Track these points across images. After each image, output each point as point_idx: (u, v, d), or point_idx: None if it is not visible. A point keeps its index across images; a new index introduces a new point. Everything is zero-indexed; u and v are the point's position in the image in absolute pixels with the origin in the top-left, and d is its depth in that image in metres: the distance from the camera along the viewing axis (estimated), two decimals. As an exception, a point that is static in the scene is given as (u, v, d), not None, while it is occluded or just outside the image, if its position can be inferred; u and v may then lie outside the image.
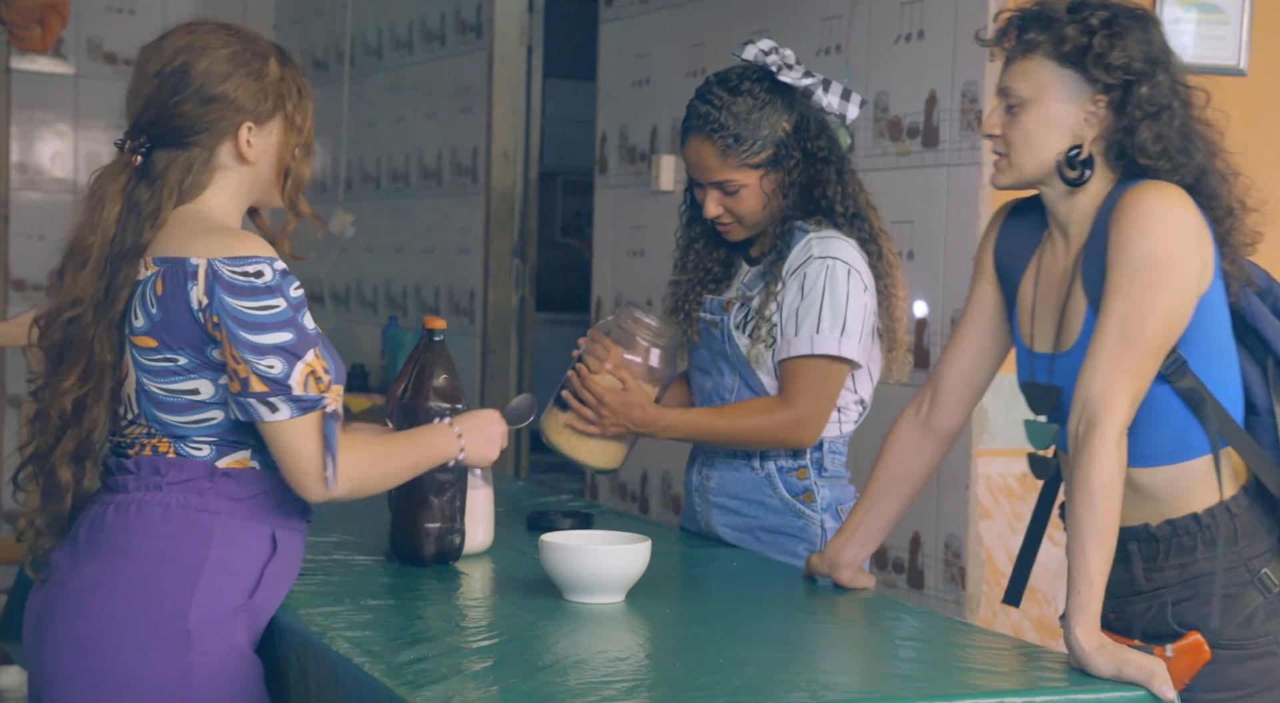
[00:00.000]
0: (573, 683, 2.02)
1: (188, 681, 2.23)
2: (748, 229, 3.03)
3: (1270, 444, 2.36)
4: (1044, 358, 2.39)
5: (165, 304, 2.22)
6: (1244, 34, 3.86)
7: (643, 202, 5.16)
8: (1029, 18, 2.34)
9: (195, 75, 2.28)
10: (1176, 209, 2.26)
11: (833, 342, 2.90)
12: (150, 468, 2.28)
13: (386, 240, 7.06)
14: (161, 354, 2.24)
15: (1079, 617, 2.15)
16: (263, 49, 2.34)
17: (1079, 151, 2.32)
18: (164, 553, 2.25)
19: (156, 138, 2.29)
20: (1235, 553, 2.32)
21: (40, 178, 7.31)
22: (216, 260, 2.20)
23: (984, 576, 3.69)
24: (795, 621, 2.51)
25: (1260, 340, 2.40)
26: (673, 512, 4.92)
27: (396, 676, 2.03)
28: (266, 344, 2.19)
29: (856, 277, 2.93)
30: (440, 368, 2.67)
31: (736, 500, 3.05)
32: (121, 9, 7.40)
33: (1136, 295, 2.23)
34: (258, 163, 2.33)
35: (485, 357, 6.28)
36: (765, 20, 4.45)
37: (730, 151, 2.95)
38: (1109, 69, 2.28)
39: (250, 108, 2.30)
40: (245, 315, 2.19)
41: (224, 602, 2.26)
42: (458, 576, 2.66)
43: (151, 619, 2.23)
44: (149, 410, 2.28)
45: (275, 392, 2.20)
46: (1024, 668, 2.20)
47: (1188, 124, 2.32)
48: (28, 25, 6.47)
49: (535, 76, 6.26)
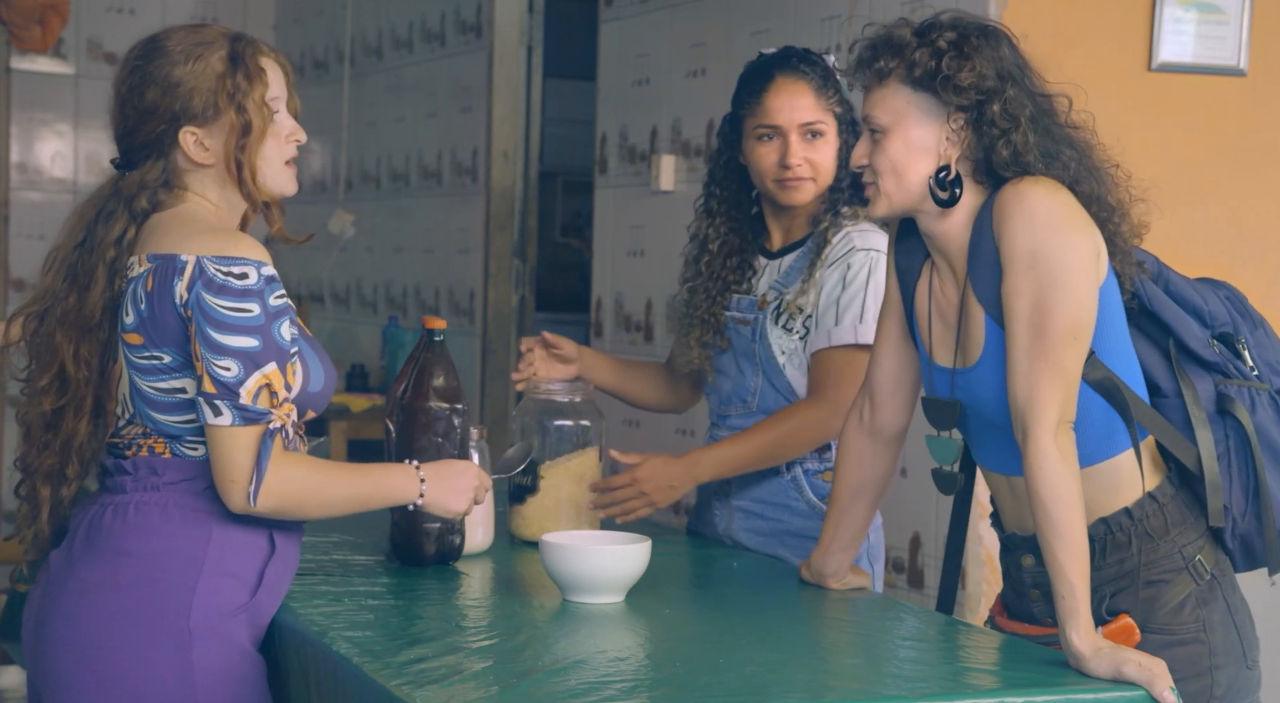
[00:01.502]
0: (573, 683, 2.02)
1: (190, 680, 2.23)
2: (817, 187, 2.97)
3: (1181, 424, 2.37)
4: (945, 372, 2.40)
5: (153, 300, 2.24)
6: (1244, 34, 3.86)
7: (643, 202, 5.16)
8: (880, 45, 2.35)
9: (133, 91, 2.31)
10: (1057, 198, 2.26)
11: (874, 332, 2.84)
12: (148, 469, 2.28)
13: (386, 240, 7.06)
14: (148, 351, 2.25)
15: (1070, 622, 2.16)
16: (203, 46, 2.32)
17: (947, 172, 2.32)
18: (163, 553, 2.25)
19: (123, 156, 2.35)
20: (1169, 542, 2.33)
21: (40, 178, 7.31)
22: (205, 258, 2.21)
23: (984, 576, 3.69)
24: (795, 621, 2.51)
25: (1159, 324, 2.41)
26: (673, 512, 4.92)
27: (396, 676, 2.04)
28: (228, 346, 2.19)
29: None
30: (440, 368, 2.67)
31: (760, 504, 3.00)
32: (121, 9, 7.40)
33: (1037, 291, 2.22)
34: (217, 163, 2.33)
35: (485, 357, 6.28)
36: (765, 20, 4.45)
37: (823, 92, 2.95)
38: (959, 90, 2.29)
39: (189, 113, 2.30)
40: (215, 313, 2.19)
41: (224, 601, 2.26)
42: (458, 576, 2.66)
43: (153, 619, 2.23)
44: (142, 410, 2.28)
45: (222, 395, 2.19)
46: (1024, 668, 2.20)
47: (1050, 132, 2.32)
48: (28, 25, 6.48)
49: (535, 76, 6.26)
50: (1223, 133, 3.91)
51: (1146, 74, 3.82)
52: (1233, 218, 3.94)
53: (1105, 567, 2.32)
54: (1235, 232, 3.94)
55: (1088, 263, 2.25)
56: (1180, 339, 2.40)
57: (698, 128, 4.88)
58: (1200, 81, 3.87)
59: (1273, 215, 3.99)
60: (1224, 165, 3.92)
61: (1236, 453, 2.37)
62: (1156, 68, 3.81)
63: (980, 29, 2.34)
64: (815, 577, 2.65)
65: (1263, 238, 3.97)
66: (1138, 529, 2.33)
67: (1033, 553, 2.37)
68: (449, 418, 2.64)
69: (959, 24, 2.34)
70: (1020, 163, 2.29)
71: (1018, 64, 2.34)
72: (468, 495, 2.46)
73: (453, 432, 2.65)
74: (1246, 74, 3.89)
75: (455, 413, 2.65)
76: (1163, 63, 3.82)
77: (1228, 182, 3.93)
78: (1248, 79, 3.90)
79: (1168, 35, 3.82)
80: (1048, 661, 2.21)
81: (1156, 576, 2.33)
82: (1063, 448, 2.20)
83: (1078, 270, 2.23)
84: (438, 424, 2.63)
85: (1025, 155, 2.28)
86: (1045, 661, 2.21)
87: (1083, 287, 2.24)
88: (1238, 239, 3.94)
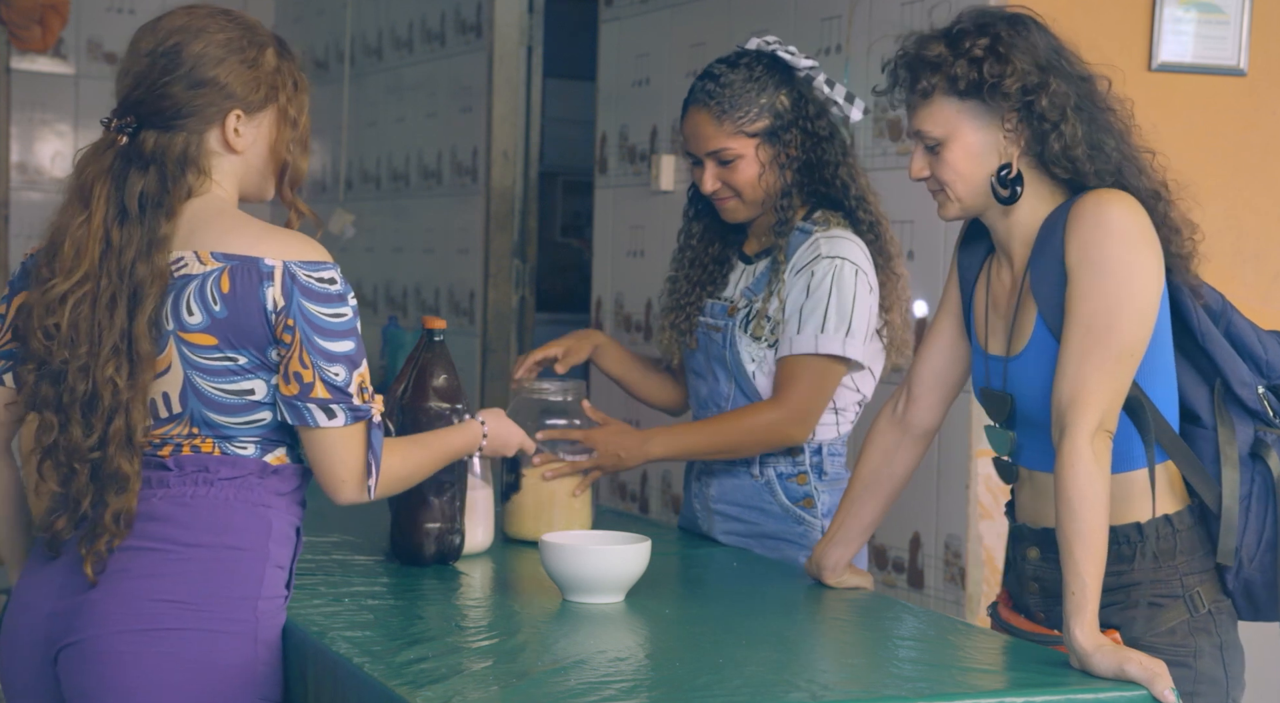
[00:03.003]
0: (573, 683, 2.02)
1: (253, 668, 2.24)
2: (748, 206, 3.00)
3: (1210, 458, 2.37)
4: (998, 361, 2.41)
5: (233, 303, 2.19)
6: (1244, 34, 3.86)
7: (643, 202, 5.16)
8: (917, 65, 2.36)
9: (187, 57, 2.24)
10: (1134, 214, 2.29)
11: (837, 342, 2.89)
12: (196, 466, 2.25)
13: (386, 240, 7.06)
14: (222, 353, 2.21)
15: (1077, 618, 2.16)
16: (261, 38, 2.31)
17: (1009, 170, 2.34)
18: (233, 546, 2.24)
19: (144, 118, 2.25)
20: (1172, 567, 2.34)
21: (40, 178, 7.31)
22: (293, 263, 2.20)
23: (984, 576, 3.69)
24: (795, 621, 2.51)
25: (1210, 362, 2.41)
26: (672, 512, 4.92)
27: (396, 676, 2.03)
28: (336, 351, 2.22)
29: (864, 278, 2.93)
30: (440, 368, 2.67)
31: (737, 507, 3.03)
32: (121, 9, 7.40)
33: (1104, 298, 2.24)
34: (246, 153, 2.30)
35: (485, 357, 6.28)
36: (765, 20, 4.45)
37: (725, 117, 2.94)
38: (1006, 96, 2.31)
39: (240, 96, 2.27)
40: (321, 321, 2.21)
41: (276, 593, 2.29)
42: (458, 576, 2.66)
43: (221, 607, 2.22)
44: (198, 410, 2.24)
45: (336, 399, 2.22)
46: (1024, 668, 2.20)
47: (1095, 118, 2.34)
48: (28, 25, 6.48)
49: (535, 76, 6.26)
50: (1223, 133, 3.91)
51: (1146, 74, 3.82)
52: (1233, 218, 3.93)
53: (1105, 575, 2.32)
54: (1235, 232, 3.94)
55: (1153, 282, 2.27)
56: (1227, 381, 2.40)
57: (698, 128, 4.87)
58: (1200, 81, 3.87)
59: (1273, 215, 3.99)
60: (1224, 165, 3.92)
61: (1259, 498, 2.37)
62: (1156, 68, 3.81)
63: (1008, 22, 2.34)
64: (815, 569, 2.65)
65: (1263, 238, 3.97)
66: (1145, 547, 2.33)
67: (1039, 546, 2.38)
68: (449, 418, 2.64)
69: (985, 24, 2.34)
70: (1069, 157, 2.30)
71: (1053, 48, 2.35)
72: (518, 434, 2.65)
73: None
74: (1246, 74, 3.89)
75: (455, 413, 2.65)
76: (1163, 63, 3.81)
77: (1228, 182, 3.93)
78: (1248, 79, 3.90)
79: (1168, 35, 3.81)
80: (1048, 661, 2.21)
81: (1153, 597, 2.33)
82: (1098, 452, 2.21)
83: (1144, 288, 2.26)
84: (438, 424, 2.63)
85: (1074, 148, 2.30)
86: (1046, 661, 2.21)
87: (1146, 305, 2.26)
88: (1238, 239, 3.94)
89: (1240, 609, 2.41)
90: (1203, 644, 2.33)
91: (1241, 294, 3.85)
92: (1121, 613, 2.32)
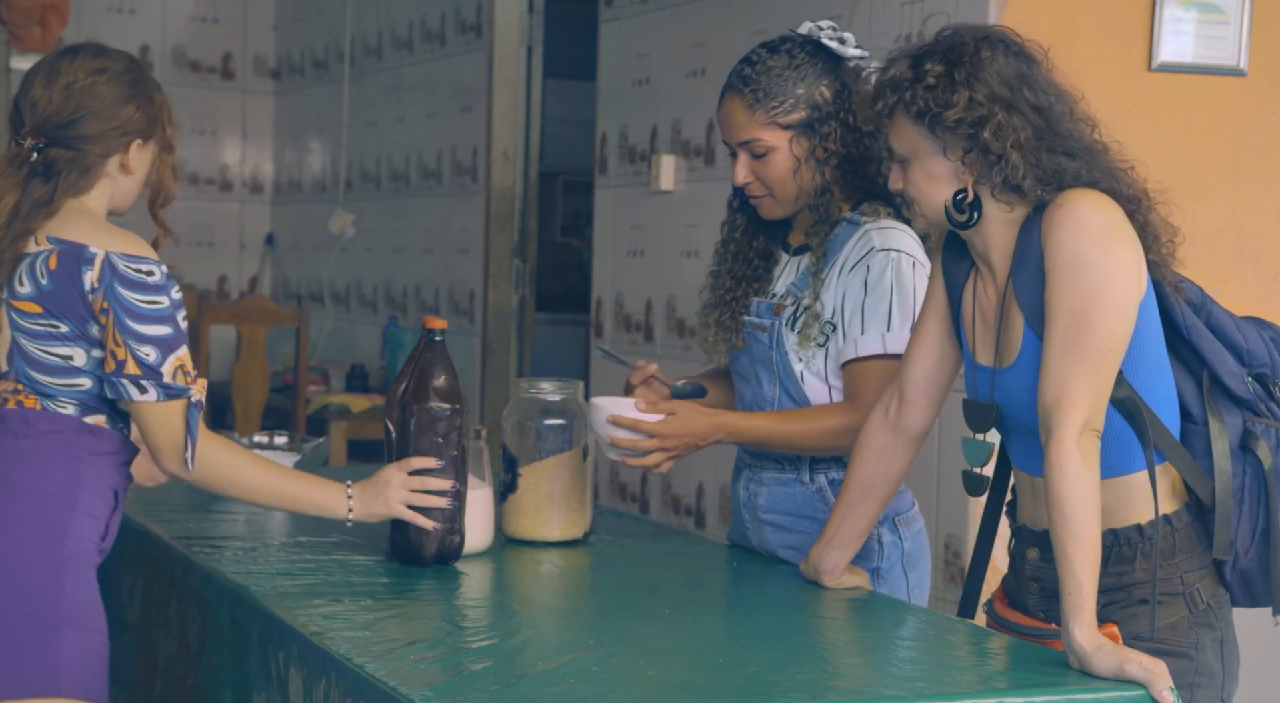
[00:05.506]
0: (573, 683, 2.02)
1: (59, 605, 2.43)
2: (780, 204, 2.85)
3: (1203, 453, 2.38)
4: (986, 371, 2.41)
5: (58, 279, 2.47)
6: (1244, 34, 3.86)
7: (643, 202, 5.16)
8: (885, 83, 2.37)
9: (104, 95, 2.56)
10: (1106, 210, 2.28)
11: (904, 339, 2.73)
12: (18, 419, 2.50)
13: (386, 240, 7.06)
14: (46, 320, 2.49)
15: (1075, 619, 2.16)
16: (151, 78, 2.65)
17: (964, 195, 2.35)
18: (40, 490, 2.47)
19: (54, 140, 2.55)
20: (1172, 565, 2.34)
21: (40, 178, 7.31)
22: (114, 254, 2.47)
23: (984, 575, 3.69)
24: (795, 621, 2.51)
25: (1196, 355, 2.41)
26: (672, 512, 4.93)
27: (396, 676, 2.04)
28: (147, 334, 2.47)
29: (920, 269, 2.78)
30: (440, 368, 2.67)
31: (788, 517, 2.90)
32: (121, 9, 7.41)
33: (1080, 296, 2.24)
34: (135, 174, 2.61)
35: (485, 357, 6.28)
36: (765, 20, 4.45)
37: (758, 106, 2.79)
38: (952, 129, 2.31)
39: (141, 128, 2.59)
40: (134, 307, 2.46)
41: (87, 541, 2.49)
42: (458, 576, 2.66)
43: (28, 547, 2.44)
44: (21, 368, 2.51)
45: (146, 376, 2.47)
46: (1024, 668, 2.20)
47: (1052, 147, 2.32)
48: (28, 25, 6.49)
49: (535, 76, 6.27)
50: (1223, 133, 3.92)
51: (1146, 74, 3.82)
52: (1233, 218, 3.94)
53: (1106, 576, 2.32)
54: (1235, 232, 3.94)
55: (1131, 277, 2.27)
56: (1215, 372, 2.40)
57: (698, 128, 4.88)
58: (1200, 81, 3.87)
59: (1273, 215, 3.99)
60: (1224, 165, 3.92)
61: (1251, 490, 2.37)
62: (1156, 68, 3.82)
63: (976, 44, 2.33)
64: (812, 572, 2.64)
65: (1263, 238, 3.98)
66: (1145, 547, 2.33)
67: (1038, 547, 2.38)
68: (449, 418, 2.64)
69: (952, 47, 2.33)
70: (1015, 188, 2.31)
71: (1018, 74, 2.33)
72: (391, 495, 2.64)
73: (453, 432, 2.65)
74: (1246, 74, 3.89)
75: (455, 413, 2.65)
76: (1163, 63, 3.82)
77: (1228, 181, 3.93)
78: (1248, 79, 3.90)
79: (1168, 35, 3.82)
80: (1048, 661, 2.21)
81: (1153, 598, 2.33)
82: (1085, 451, 2.21)
83: (1121, 282, 2.26)
84: (438, 424, 2.64)
85: (1021, 181, 2.30)
86: (1046, 661, 2.21)
87: (1125, 299, 2.26)
88: (1238, 239, 3.94)
89: (1237, 598, 2.41)
90: (1204, 638, 2.34)
91: (1241, 294, 3.86)
92: (1121, 611, 2.33)
